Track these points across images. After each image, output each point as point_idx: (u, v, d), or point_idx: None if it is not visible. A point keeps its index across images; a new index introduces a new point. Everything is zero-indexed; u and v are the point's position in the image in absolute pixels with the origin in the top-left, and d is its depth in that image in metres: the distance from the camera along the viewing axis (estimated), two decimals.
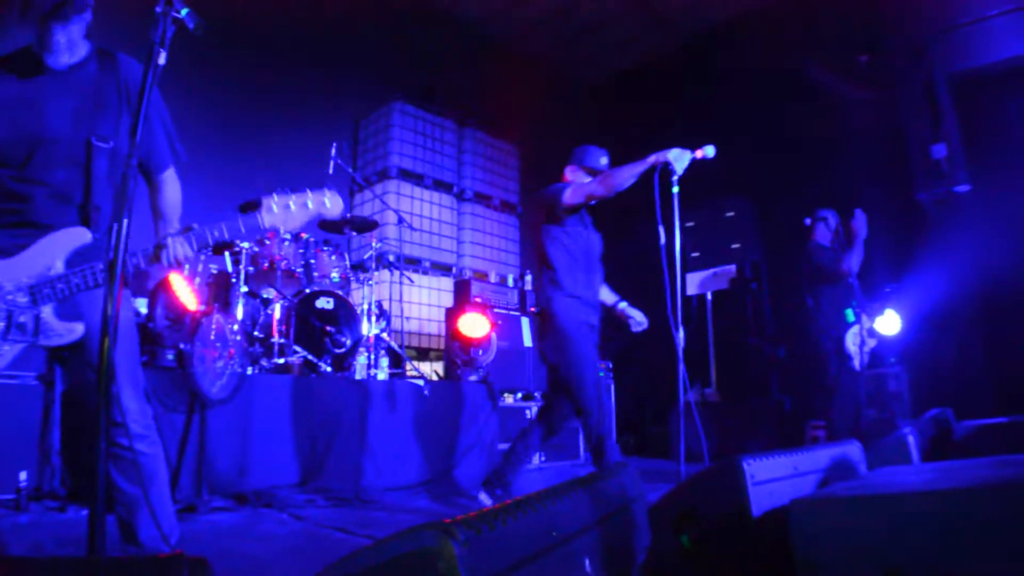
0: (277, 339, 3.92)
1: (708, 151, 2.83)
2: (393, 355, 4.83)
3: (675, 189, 2.80)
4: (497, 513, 0.94)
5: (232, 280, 3.99)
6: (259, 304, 4.15)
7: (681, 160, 2.79)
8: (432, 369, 5.86)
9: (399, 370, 4.87)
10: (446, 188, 6.57)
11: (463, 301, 5.64)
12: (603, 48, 7.61)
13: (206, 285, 3.95)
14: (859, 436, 2.18)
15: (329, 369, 4.03)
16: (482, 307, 5.18)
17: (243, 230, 1.77)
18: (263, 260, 4.20)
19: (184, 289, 3.51)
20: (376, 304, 4.55)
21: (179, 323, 3.51)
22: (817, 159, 5.84)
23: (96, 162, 1.76)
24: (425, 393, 4.18)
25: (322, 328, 4.06)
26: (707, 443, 2.99)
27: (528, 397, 5.36)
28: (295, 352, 3.94)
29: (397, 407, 4.02)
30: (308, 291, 4.11)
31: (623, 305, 3.37)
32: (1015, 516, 1.10)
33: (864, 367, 4.08)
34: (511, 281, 6.00)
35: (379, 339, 4.48)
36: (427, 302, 6.12)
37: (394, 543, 0.86)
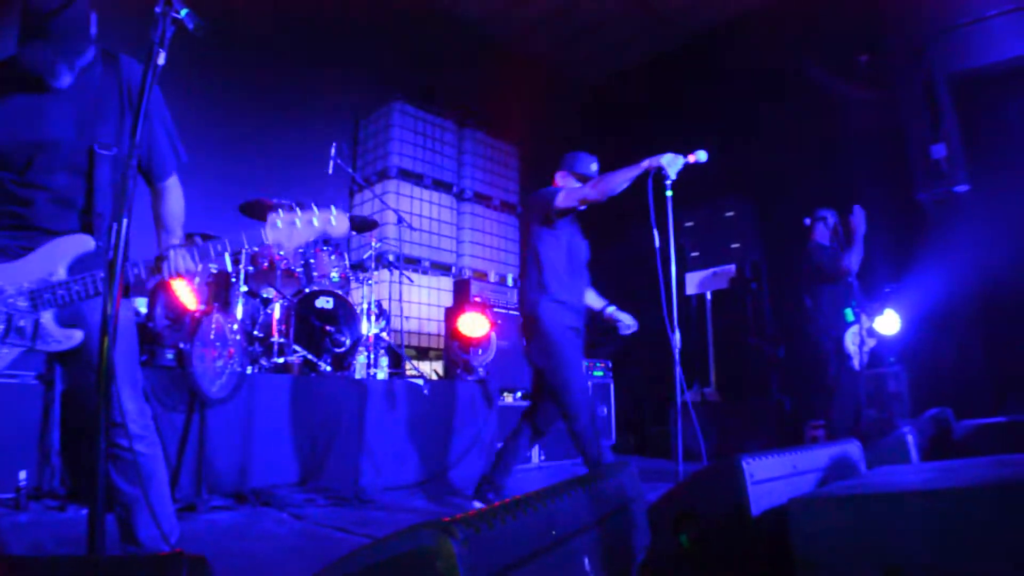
0: (277, 338, 3.92)
1: (700, 156, 2.84)
2: (393, 355, 4.83)
3: (669, 193, 2.81)
4: (496, 512, 0.94)
5: (232, 279, 3.99)
6: (259, 303, 4.15)
7: (674, 165, 2.80)
8: (432, 369, 5.86)
9: (399, 370, 4.87)
10: (446, 188, 6.57)
11: (463, 301, 5.64)
12: (603, 48, 7.60)
13: (206, 284, 3.96)
14: (858, 436, 2.18)
15: (329, 369, 4.04)
16: (482, 307, 5.18)
17: (246, 245, 1.80)
18: (263, 260, 4.21)
19: (184, 289, 3.52)
20: (376, 304, 4.55)
21: (179, 322, 3.51)
22: (817, 159, 5.84)
23: (99, 169, 1.76)
24: (425, 393, 4.19)
25: (322, 328, 4.06)
26: (706, 443, 2.99)
27: (528, 396, 5.36)
28: (295, 351, 3.94)
29: (396, 407, 4.02)
30: (308, 291, 4.11)
31: (611, 309, 3.37)
32: (1014, 515, 1.10)
33: (863, 367, 4.09)
34: (511, 281, 6.00)
35: (379, 339, 4.48)
36: (427, 302, 6.12)
37: (393, 542, 0.86)
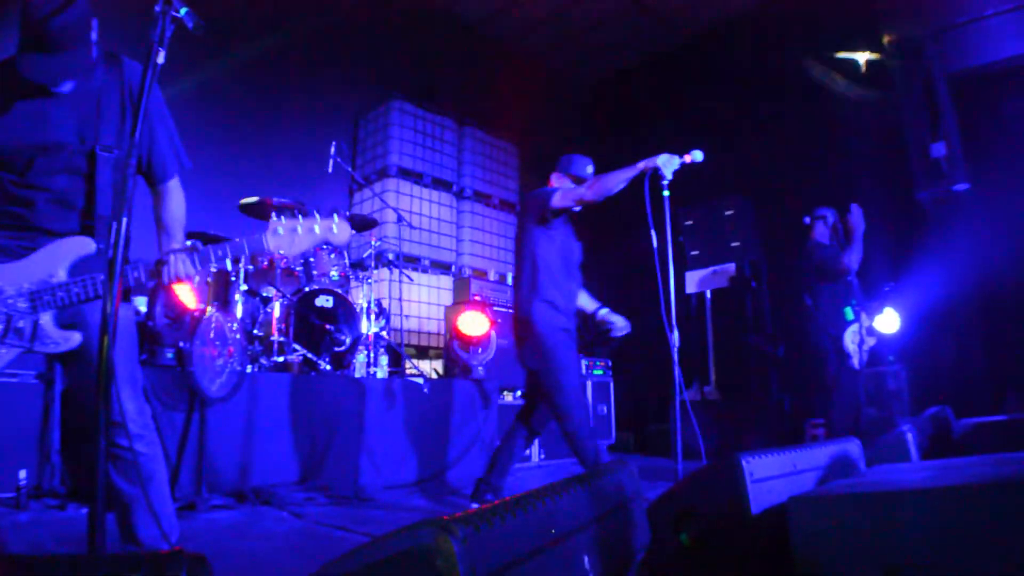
0: (277, 337, 3.92)
1: (696, 155, 2.84)
2: (392, 353, 4.83)
3: (665, 193, 2.82)
4: (496, 510, 0.94)
5: (232, 278, 3.99)
6: (259, 302, 4.15)
7: (669, 165, 2.80)
8: (431, 367, 5.86)
9: (398, 369, 4.88)
10: (445, 187, 6.57)
11: (462, 299, 5.65)
12: (603, 47, 7.60)
13: (205, 283, 3.96)
14: (858, 434, 2.18)
15: (328, 367, 4.03)
16: (481, 305, 5.18)
17: (247, 251, 1.79)
18: (262, 259, 4.20)
19: (184, 288, 3.51)
20: (375, 302, 4.55)
21: (179, 321, 3.51)
22: (816, 158, 5.85)
23: (100, 171, 1.75)
24: (425, 391, 4.19)
25: (322, 326, 4.06)
26: (707, 441, 3.00)
27: (523, 396, 5.36)
28: (295, 350, 3.94)
29: (396, 405, 4.02)
30: (307, 289, 4.11)
31: (604, 311, 3.35)
32: (1013, 514, 1.10)
33: (863, 365, 4.09)
34: (510, 279, 6.00)
35: (378, 337, 4.48)
36: (426, 300, 6.12)
37: (393, 540, 0.86)
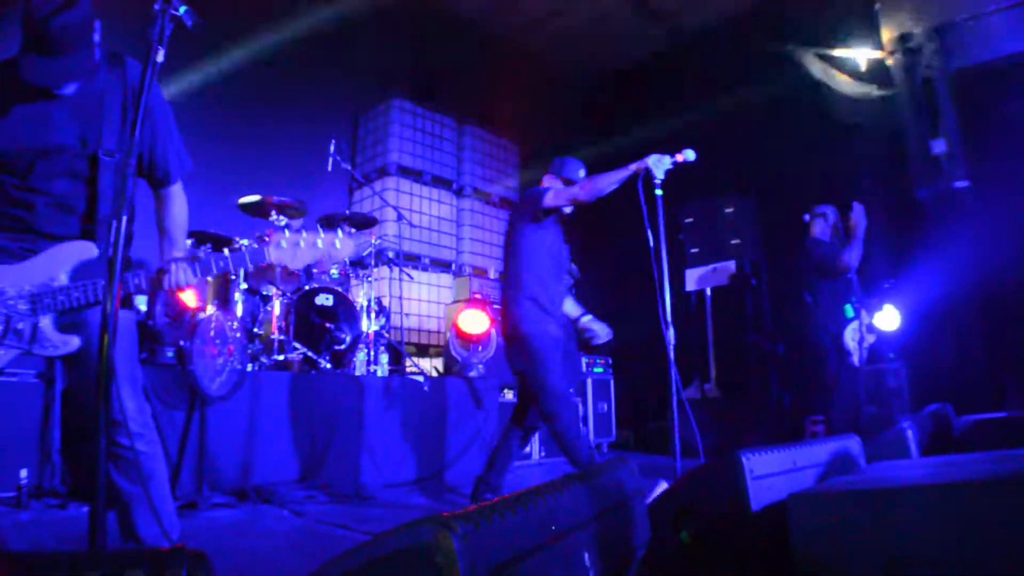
0: (277, 336, 3.92)
1: (688, 154, 2.85)
2: (393, 352, 4.83)
3: (659, 192, 2.83)
4: (495, 507, 0.94)
5: (232, 277, 3.99)
6: (259, 301, 4.15)
7: (660, 165, 2.81)
8: (432, 365, 5.86)
9: (398, 367, 4.88)
10: (445, 185, 6.57)
11: (463, 297, 5.65)
12: (602, 46, 7.59)
13: (205, 282, 3.95)
14: (858, 431, 2.19)
15: (329, 366, 4.04)
16: (482, 303, 5.19)
17: (249, 263, 1.81)
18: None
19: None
20: (376, 301, 4.55)
21: (179, 320, 3.51)
22: (816, 156, 5.84)
23: (102, 175, 1.75)
24: (425, 389, 4.19)
25: (322, 325, 4.06)
26: (706, 439, 3.00)
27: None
28: (295, 349, 3.94)
29: (396, 404, 4.02)
30: (307, 288, 4.11)
31: (587, 319, 3.35)
32: (1013, 511, 1.10)
33: (863, 363, 4.09)
34: None
35: (378, 335, 4.48)
36: (427, 298, 6.12)
37: (393, 538, 0.87)
